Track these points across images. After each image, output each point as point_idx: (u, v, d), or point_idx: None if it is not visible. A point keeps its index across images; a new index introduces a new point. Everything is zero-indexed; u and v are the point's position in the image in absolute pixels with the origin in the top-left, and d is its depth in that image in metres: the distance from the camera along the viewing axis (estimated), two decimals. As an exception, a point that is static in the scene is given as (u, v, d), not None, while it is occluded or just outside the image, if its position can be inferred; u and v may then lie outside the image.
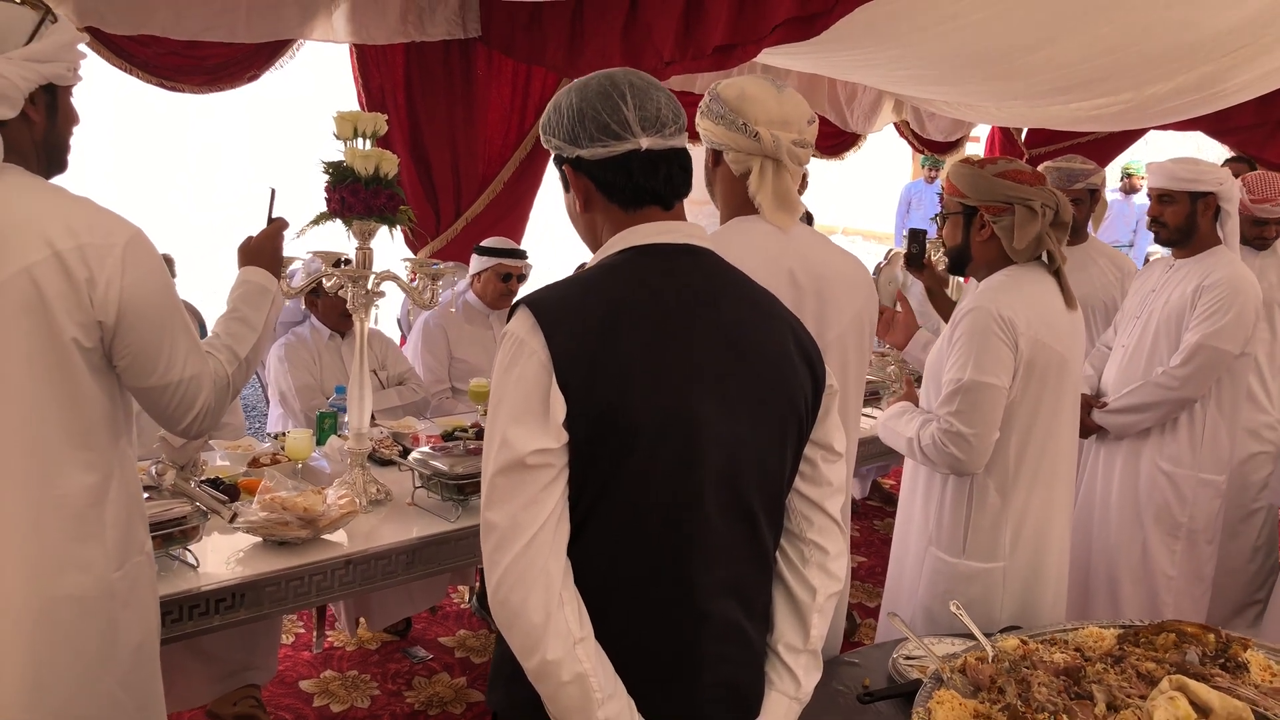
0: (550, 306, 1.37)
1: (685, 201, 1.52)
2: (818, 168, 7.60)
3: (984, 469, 2.27)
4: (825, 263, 2.04)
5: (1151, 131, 6.99)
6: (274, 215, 2.21)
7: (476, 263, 4.20)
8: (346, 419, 3.18)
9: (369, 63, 4.41)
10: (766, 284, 1.56)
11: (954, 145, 7.20)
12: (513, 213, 4.95)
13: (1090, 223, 3.84)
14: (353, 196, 2.47)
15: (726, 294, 1.46)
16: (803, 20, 3.65)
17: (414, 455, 2.77)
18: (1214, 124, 6.38)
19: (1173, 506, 3.08)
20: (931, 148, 7.08)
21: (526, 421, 1.32)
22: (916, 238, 3.79)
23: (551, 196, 5.28)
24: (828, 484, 1.56)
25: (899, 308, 2.86)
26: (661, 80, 4.68)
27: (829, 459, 1.56)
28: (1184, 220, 3.08)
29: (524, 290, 4.32)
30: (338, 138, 2.53)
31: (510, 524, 1.33)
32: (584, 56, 4.29)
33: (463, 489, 2.65)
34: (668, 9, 3.96)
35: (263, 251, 2.09)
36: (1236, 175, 3.36)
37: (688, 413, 1.36)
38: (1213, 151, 7.34)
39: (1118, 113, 5.45)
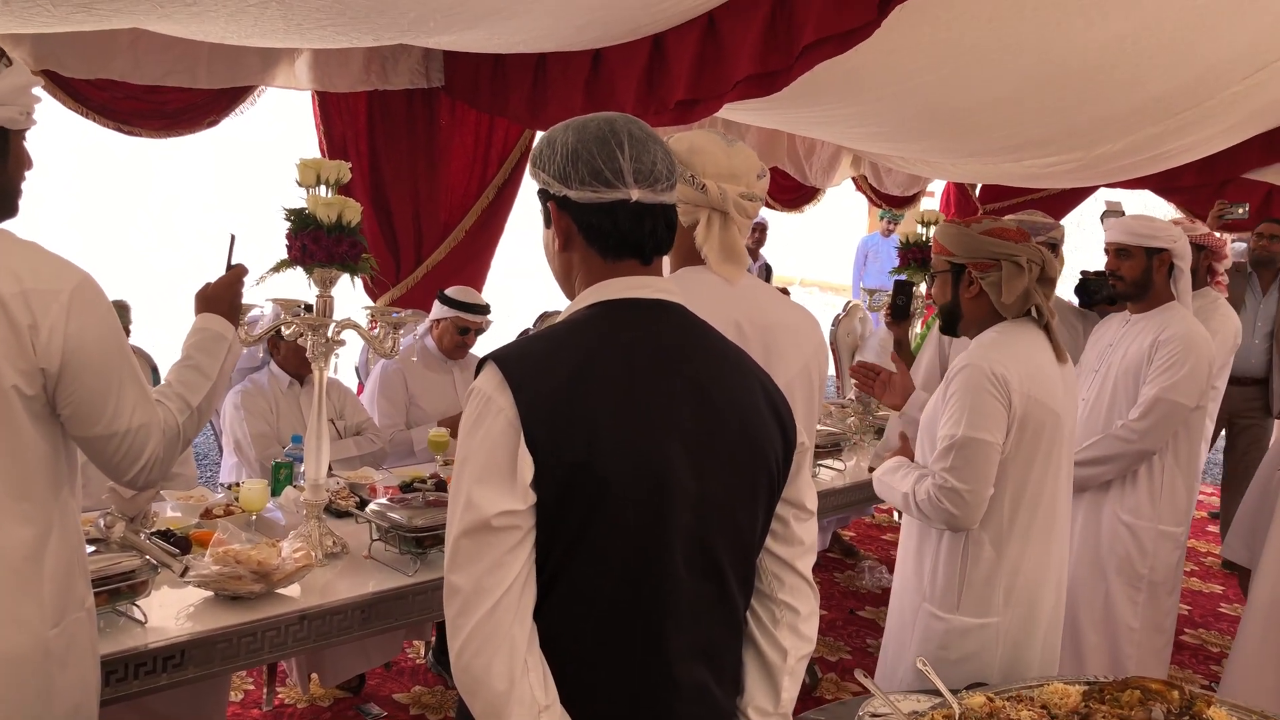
0: (518, 362, 1.34)
1: None
2: (777, 220, 7.72)
3: (979, 524, 2.28)
4: (772, 314, 2.04)
5: (1101, 189, 7.16)
6: (233, 262, 2.18)
7: (437, 309, 4.18)
8: (303, 469, 3.13)
9: (331, 110, 4.41)
10: (718, 324, 1.55)
11: (911, 200, 7.32)
12: (474, 261, 4.94)
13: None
14: (314, 244, 2.44)
15: (698, 350, 1.45)
16: (763, 77, 3.69)
17: (371, 507, 2.72)
18: (1160, 183, 6.56)
19: (1134, 558, 3.11)
20: (889, 202, 7.19)
21: (493, 482, 1.29)
22: (903, 289, 3.84)
23: (512, 244, 5.29)
24: (799, 543, 1.54)
25: (894, 368, 2.87)
26: None
27: (800, 517, 1.54)
28: (1140, 274, 3.15)
29: (482, 343, 4.31)
30: (300, 185, 2.50)
31: (474, 588, 1.29)
32: (547, 109, 4.32)
33: (421, 542, 2.60)
34: (630, 64, 4.00)
35: (220, 299, 2.05)
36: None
37: (658, 470, 1.34)
38: (1160, 210, 7.54)
39: (1069, 170, 5.59)
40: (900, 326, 4.04)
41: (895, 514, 6.33)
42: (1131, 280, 3.17)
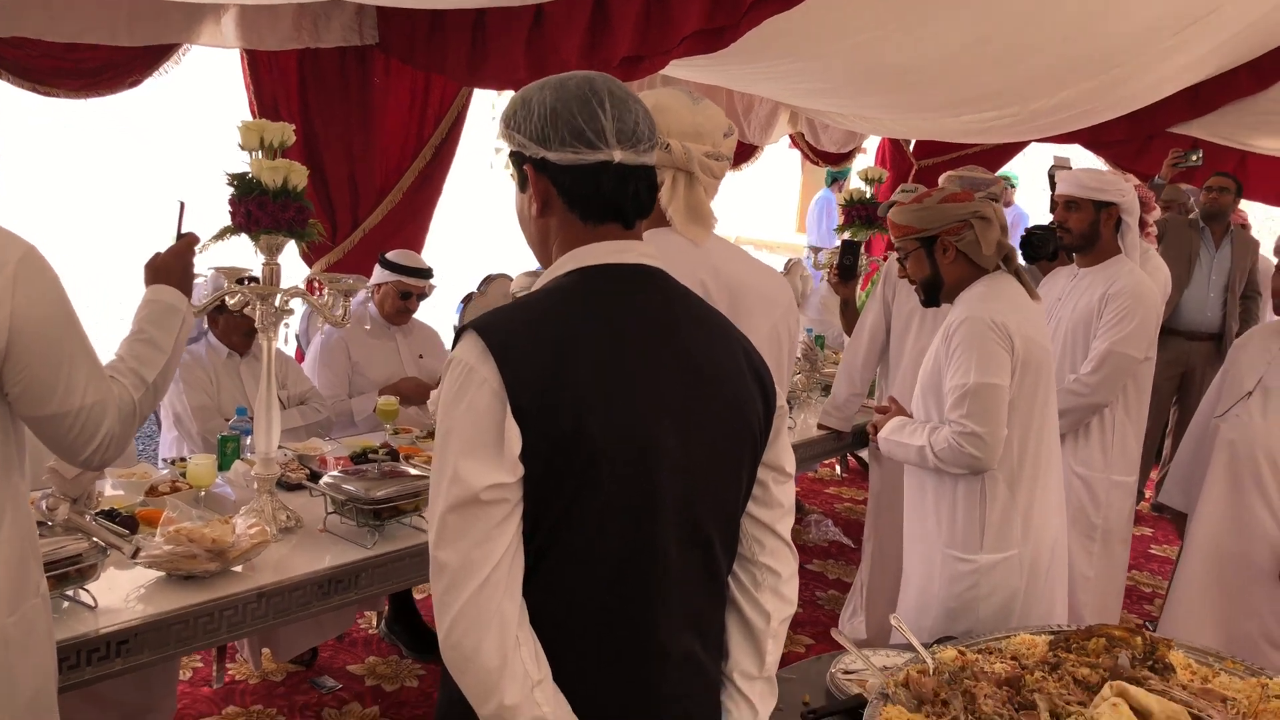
0: (501, 331, 1.30)
1: None
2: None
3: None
4: (739, 276, 2.02)
5: (1032, 144, 7.26)
6: (183, 230, 2.08)
7: (378, 274, 4.08)
8: (249, 442, 3.04)
9: (261, 69, 4.24)
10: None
11: (847, 156, 7.34)
12: (412, 223, 4.83)
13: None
14: (260, 210, 2.35)
15: (682, 316, 1.42)
16: (711, 33, 3.65)
17: (325, 480, 2.65)
18: (1090, 137, 6.67)
19: (1088, 509, 3.19)
20: (825, 159, 7.20)
21: (479, 454, 1.25)
22: (850, 249, 3.85)
23: (451, 207, 5.16)
24: (779, 505, 1.53)
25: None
26: None
27: (779, 480, 1.53)
28: (1087, 227, 3.21)
29: (425, 308, 4.23)
30: (243, 148, 2.40)
31: (463, 563, 1.26)
32: (487, 66, 4.22)
33: (379, 514, 2.55)
34: (573, 20, 3.91)
35: (171, 269, 1.96)
36: None
37: (648, 441, 1.32)
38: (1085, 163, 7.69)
39: (1005, 126, 5.64)
40: (848, 287, 4.05)
41: (837, 468, 6.41)
42: (1079, 233, 3.22)
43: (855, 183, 8.85)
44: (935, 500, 2.51)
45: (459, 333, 1.33)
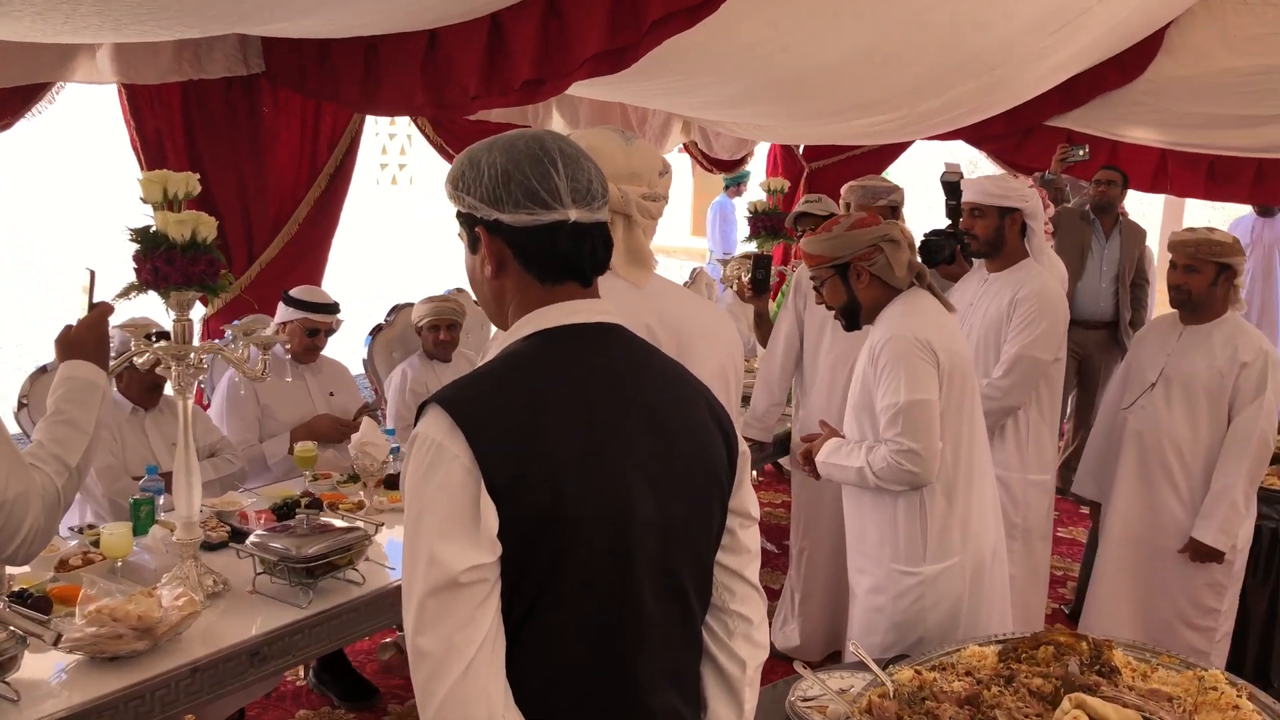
0: (467, 404, 1.26)
1: None
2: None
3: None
4: (684, 317, 2.01)
5: (917, 142, 7.47)
6: (94, 300, 1.97)
7: (283, 312, 3.95)
8: (163, 503, 2.91)
9: (141, 104, 4.06)
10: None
11: (739, 162, 7.43)
12: (309, 255, 4.68)
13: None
14: (168, 265, 2.24)
15: (645, 373, 1.40)
16: (613, 54, 3.63)
17: (252, 539, 2.55)
18: (973, 134, 6.88)
19: (1008, 509, 3.28)
20: (718, 165, 7.27)
21: (455, 535, 1.21)
22: (762, 263, 3.88)
23: (349, 234, 5.02)
24: (747, 551, 1.53)
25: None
26: (466, 114, 4.51)
27: (746, 525, 1.53)
28: (992, 233, 3.30)
29: (333, 344, 4.11)
30: (145, 201, 2.29)
31: (445, 649, 1.21)
32: (381, 92, 4.12)
33: (313, 571, 2.46)
34: (469, 44, 3.86)
35: (85, 342, 1.85)
36: None
37: (622, 504, 1.30)
38: (965, 157, 7.96)
39: (894, 128, 5.78)
40: (761, 300, 4.09)
41: (754, 472, 6.48)
42: (985, 239, 3.32)
43: (754, 187, 8.99)
44: (876, 517, 2.55)
45: (422, 407, 1.29)
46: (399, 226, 17.59)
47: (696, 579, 1.43)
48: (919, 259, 4.26)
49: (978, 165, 9.17)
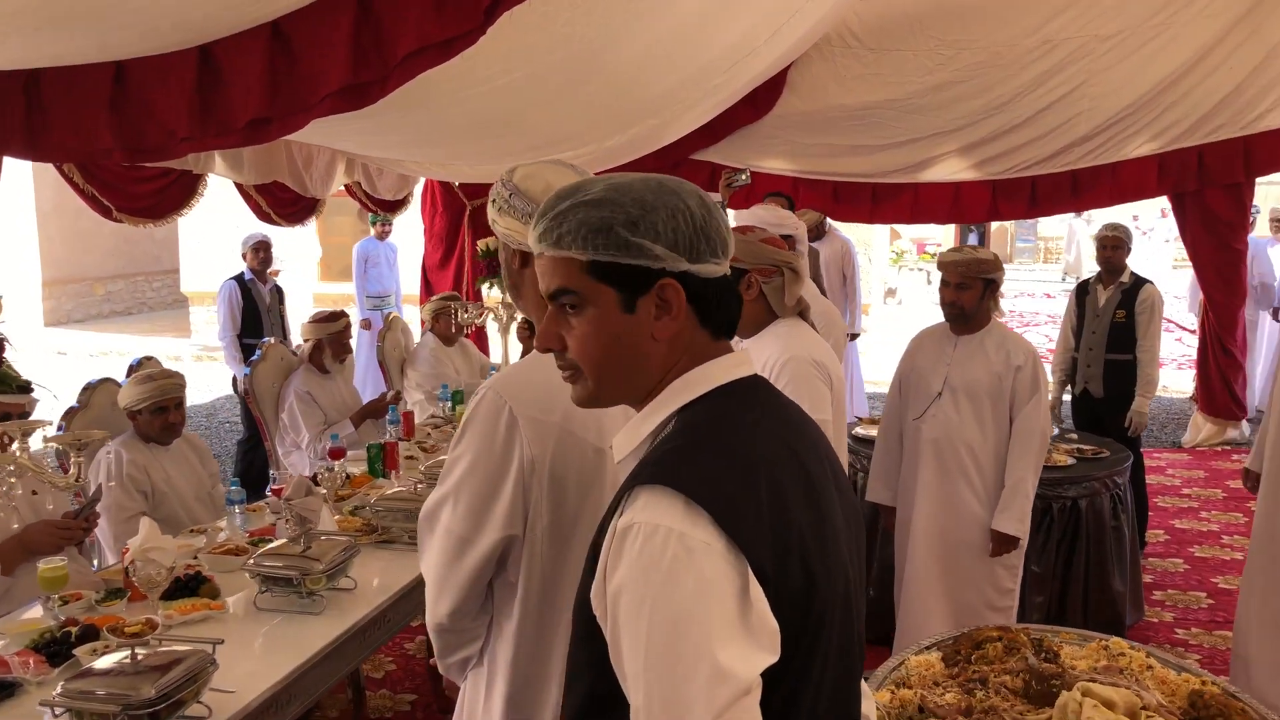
0: (700, 480, 1.07)
1: None
2: (280, 235, 7.09)
3: None
4: None
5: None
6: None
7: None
8: None
9: None
10: None
11: (400, 203, 7.15)
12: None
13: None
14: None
15: (805, 420, 1.28)
16: (356, 89, 3.34)
17: (61, 692, 2.00)
18: (632, 166, 7.20)
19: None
20: (381, 206, 6.94)
21: (735, 638, 1.01)
22: None
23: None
24: None
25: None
26: (175, 156, 4.01)
27: None
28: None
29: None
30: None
31: None
32: (52, 135, 3.46)
33: (158, 715, 1.99)
34: (172, 78, 3.36)
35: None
36: None
37: (845, 569, 1.19)
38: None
39: (582, 162, 5.89)
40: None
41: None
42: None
43: (396, 227, 8.68)
44: None
45: (630, 486, 1.08)
46: None
47: None
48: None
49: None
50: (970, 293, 3.40)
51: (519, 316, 4.62)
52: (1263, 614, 3.53)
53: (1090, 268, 17.24)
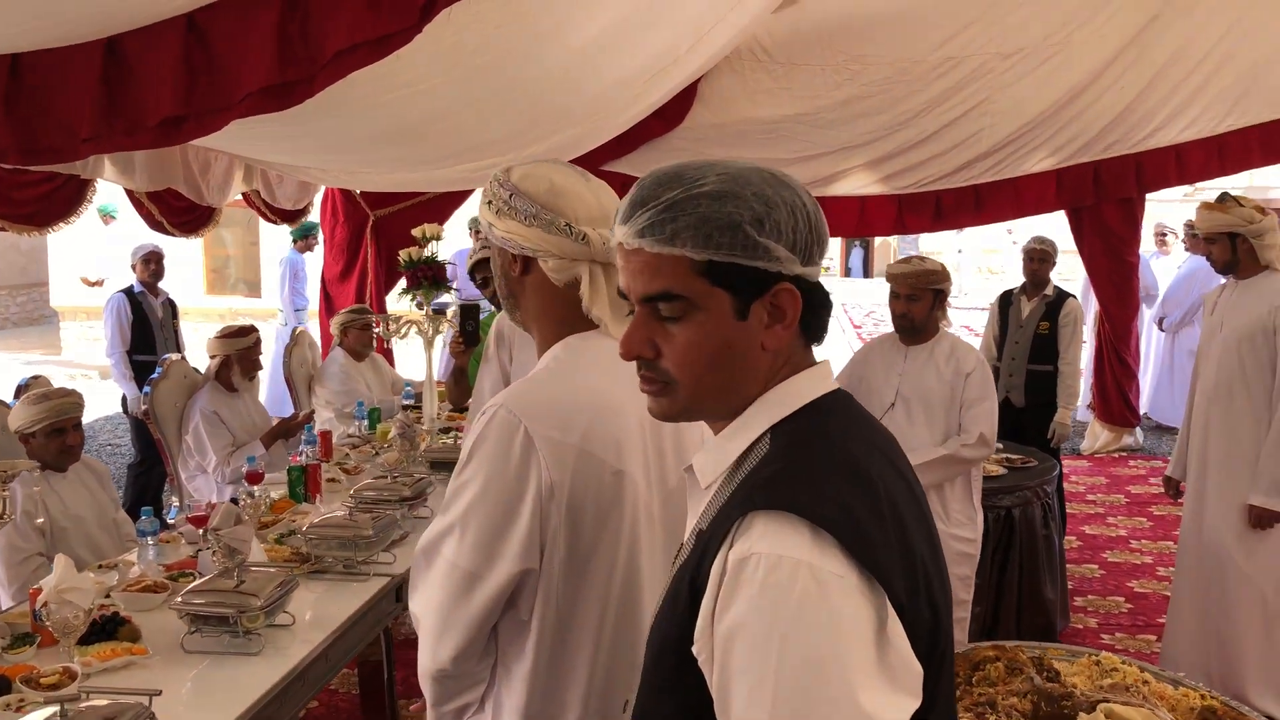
0: (824, 506, 0.95)
1: None
2: (172, 245, 6.69)
3: None
4: None
5: (478, 191, 7.46)
6: None
7: None
8: None
9: None
10: (632, 410, 1.46)
11: (301, 212, 6.83)
12: None
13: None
14: None
15: (891, 438, 1.18)
16: (280, 89, 3.12)
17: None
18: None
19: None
20: (281, 215, 6.62)
21: (878, 682, 0.91)
22: (470, 314, 3.54)
23: None
24: None
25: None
26: (78, 158, 3.75)
27: None
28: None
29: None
30: None
31: None
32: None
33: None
34: (71, 72, 3.09)
35: None
36: None
37: (946, 599, 1.09)
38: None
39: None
40: (467, 354, 3.75)
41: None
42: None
43: (276, 237, 8.35)
44: None
45: (743, 509, 0.96)
46: None
47: None
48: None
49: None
50: (920, 304, 3.39)
51: (445, 330, 4.43)
52: (1190, 621, 3.62)
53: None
